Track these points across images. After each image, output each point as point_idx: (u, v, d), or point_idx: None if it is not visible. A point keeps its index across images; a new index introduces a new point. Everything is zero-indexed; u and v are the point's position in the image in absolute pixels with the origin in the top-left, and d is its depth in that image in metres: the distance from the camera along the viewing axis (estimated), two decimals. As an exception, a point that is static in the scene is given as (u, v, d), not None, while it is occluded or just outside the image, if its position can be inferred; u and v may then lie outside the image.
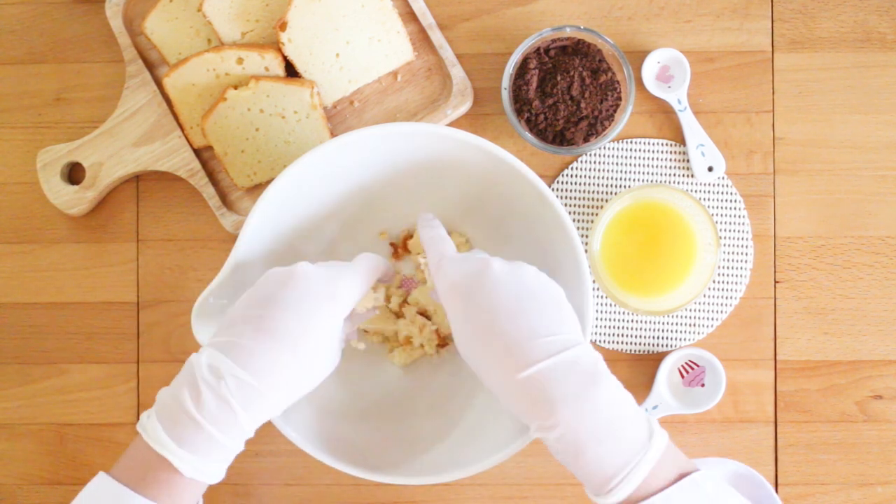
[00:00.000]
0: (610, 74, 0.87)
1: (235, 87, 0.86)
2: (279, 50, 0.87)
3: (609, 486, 0.65)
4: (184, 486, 0.66)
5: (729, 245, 0.90)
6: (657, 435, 0.66)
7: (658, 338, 0.89)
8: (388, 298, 0.88)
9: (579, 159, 0.90)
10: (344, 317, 0.72)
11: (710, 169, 0.89)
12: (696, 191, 0.90)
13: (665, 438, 0.66)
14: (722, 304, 0.89)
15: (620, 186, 0.90)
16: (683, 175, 0.90)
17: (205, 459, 0.66)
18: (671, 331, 0.89)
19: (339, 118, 0.91)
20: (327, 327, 0.70)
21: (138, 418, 0.91)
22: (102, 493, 0.67)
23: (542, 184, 0.79)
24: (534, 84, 0.87)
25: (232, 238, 0.89)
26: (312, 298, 0.70)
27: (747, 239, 0.90)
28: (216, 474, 0.68)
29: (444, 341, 0.87)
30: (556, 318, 0.69)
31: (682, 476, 0.66)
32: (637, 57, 0.90)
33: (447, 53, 0.89)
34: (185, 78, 0.87)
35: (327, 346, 0.71)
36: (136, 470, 0.67)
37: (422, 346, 0.87)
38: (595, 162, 0.90)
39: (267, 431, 0.87)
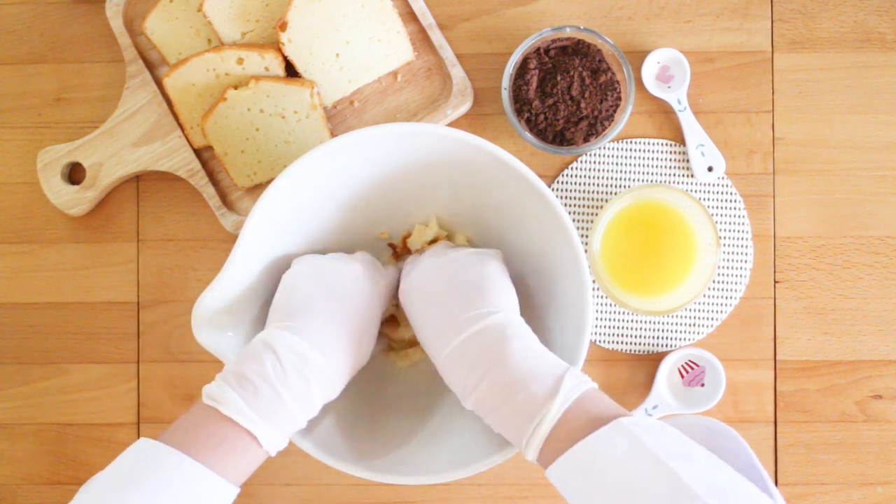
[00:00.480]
0: (610, 74, 0.87)
1: (235, 87, 0.86)
2: (279, 50, 0.87)
3: (525, 438, 0.67)
4: (255, 459, 0.68)
5: (729, 245, 0.90)
6: (568, 378, 0.67)
7: (658, 338, 0.89)
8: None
9: (579, 159, 0.90)
10: (382, 308, 0.79)
11: (710, 169, 0.89)
12: (696, 191, 0.90)
13: (578, 383, 0.67)
14: (722, 304, 0.89)
15: (620, 186, 0.90)
16: (683, 175, 0.90)
17: (280, 433, 0.69)
18: (671, 331, 0.89)
19: (339, 118, 0.91)
20: (373, 316, 0.77)
21: (139, 419, 0.91)
22: (164, 465, 0.63)
23: (542, 184, 0.79)
24: (534, 84, 0.87)
25: (232, 238, 0.89)
26: (365, 293, 0.76)
27: (747, 239, 0.90)
28: (280, 446, 0.69)
29: None
30: (475, 297, 0.73)
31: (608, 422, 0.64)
32: (637, 57, 0.90)
33: (447, 53, 0.89)
34: (186, 78, 0.87)
35: (374, 335, 0.77)
36: (204, 441, 0.65)
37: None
38: (595, 162, 0.90)
39: (267, 431, 0.88)
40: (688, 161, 0.89)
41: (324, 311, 0.73)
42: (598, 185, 0.90)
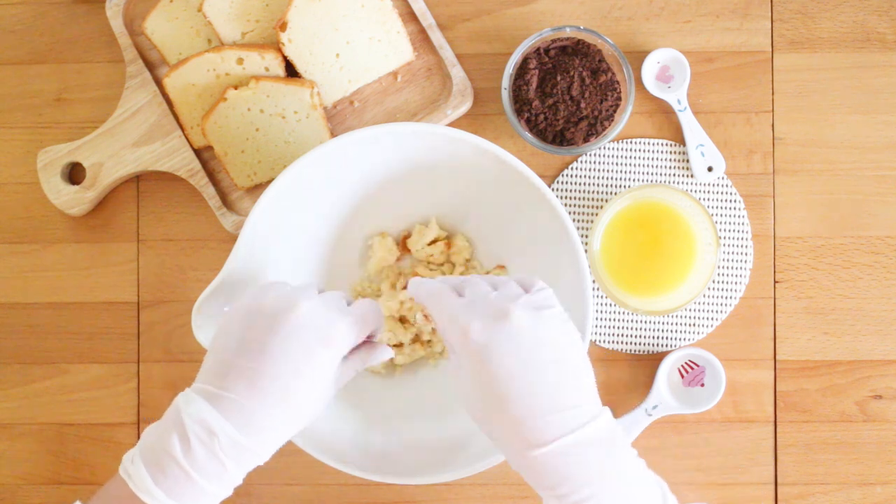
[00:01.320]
0: (610, 74, 0.87)
1: (236, 87, 0.86)
2: (279, 50, 0.87)
3: None
4: None
5: (729, 245, 0.90)
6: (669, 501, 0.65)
7: (658, 338, 0.89)
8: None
9: (579, 159, 0.90)
10: (337, 363, 0.69)
11: (710, 169, 0.89)
12: (695, 191, 0.90)
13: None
14: (722, 304, 0.89)
15: (620, 186, 0.90)
16: (683, 175, 0.90)
17: None
18: (671, 331, 0.89)
19: (339, 118, 0.91)
20: (320, 377, 0.68)
21: (139, 419, 0.91)
22: None
23: (542, 184, 0.79)
24: (534, 84, 0.87)
25: (232, 238, 0.89)
26: (306, 348, 0.67)
27: (747, 239, 0.90)
28: None
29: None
30: (575, 387, 0.65)
31: None
32: (637, 57, 0.90)
33: (447, 53, 0.90)
34: (186, 78, 0.87)
35: (320, 395, 0.68)
36: None
37: (429, 342, 0.87)
38: (595, 162, 0.90)
39: (267, 431, 0.87)
40: (688, 161, 0.89)
41: (250, 372, 0.65)
42: (598, 185, 0.90)
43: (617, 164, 0.90)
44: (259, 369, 0.66)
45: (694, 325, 0.89)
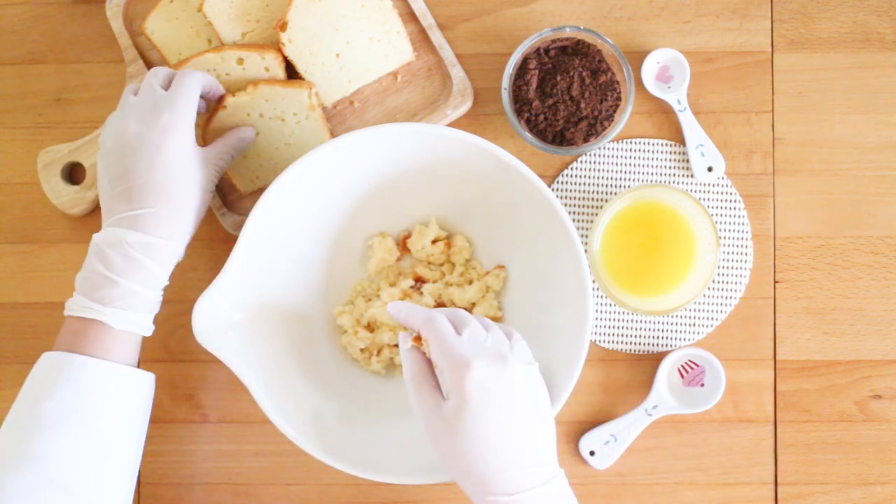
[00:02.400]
0: (610, 75, 0.87)
1: (233, 94, 0.86)
2: (279, 50, 0.87)
3: None
4: (115, 338, 0.75)
5: (729, 245, 0.90)
6: None
7: (658, 338, 0.90)
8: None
9: (579, 159, 0.90)
10: (185, 142, 0.77)
11: (710, 169, 0.89)
12: (695, 191, 0.90)
13: None
14: (721, 304, 0.89)
15: (620, 186, 0.90)
16: (683, 175, 0.90)
17: (129, 311, 0.75)
18: (671, 331, 0.89)
19: (339, 118, 0.91)
20: (177, 162, 0.77)
21: (139, 418, 0.91)
22: (47, 363, 0.75)
23: (542, 184, 0.79)
24: (534, 84, 0.87)
25: (232, 238, 0.89)
26: (149, 146, 0.76)
27: (747, 239, 0.90)
28: (144, 325, 0.77)
29: None
30: (544, 447, 0.70)
31: None
32: (637, 57, 0.90)
33: (447, 54, 0.90)
34: None
35: (189, 177, 0.77)
36: (71, 339, 0.75)
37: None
38: (595, 162, 0.90)
39: (267, 431, 0.87)
40: (688, 161, 0.89)
41: (125, 193, 0.76)
42: (598, 185, 0.90)
43: (617, 164, 0.90)
44: (128, 186, 0.76)
45: (694, 325, 0.89)
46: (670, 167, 0.90)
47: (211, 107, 0.86)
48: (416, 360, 0.71)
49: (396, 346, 0.87)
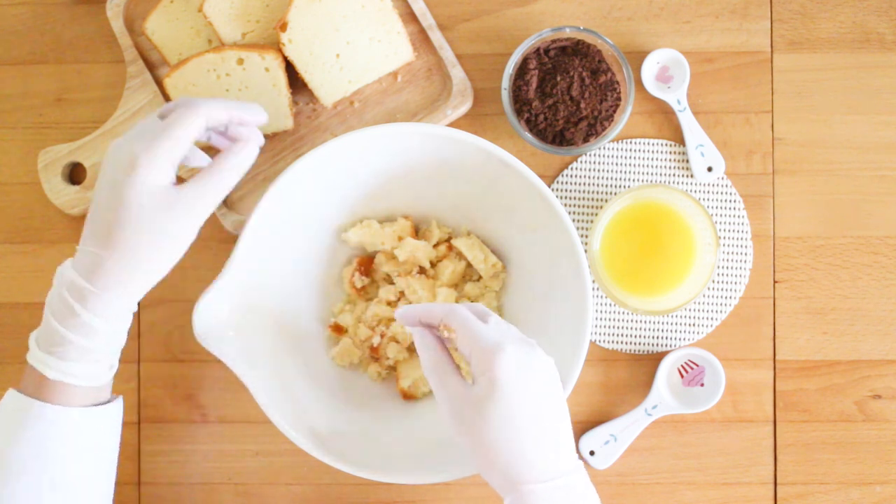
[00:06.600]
0: (609, 75, 0.87)
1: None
2: (279, 50, 0.87)
3: None
4: (75, 390, 0.71)
5: (728, 245, 0.90)
6: None
7: (658, 338, 0.90)
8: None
9: (579, 159, 0.90)
10: (152, 184, 0.69)
11: (710, 169, 0.89)
12: (695, 191, 0.90)
13: None
14: (721, 304, 0.89)
15: (620, 186, 0.90)
16: (683, 175, 0.90)
17: (67, 362, 0.70)
18: (671, 331, 0.89)
19: (339, 118, 0.91)
20: (133, 205, 0.69)
21: (139, 419, 0.91)
22: (11, 405, 0.72)
23: (542, 184, 0.79)
24: (534, 84, 0.87)
25: (232, 238, 0.89)
26: (110, 182, 0.69)
27: (747, 239, 0.90)
28: (86, 375, 0.71)
29: None
30: (566, 431, 0.69)
31: None
32: (637, 57, 0.90)
33: (447, 54, 0.90)
34: (186, 79, 0.87)
35: (147, 223, 0.69)
36: (34, 384, 0.72)
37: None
38: (595, 162, 0.90)
39: (267, 431, 0.88)
40: (687, 161, 0.90)
41: (90, 226, 0.70)
42: (598, 185, 0.90)
43: (617, 164, 0.90)
44: (90, 220, 0.70)
45: (694, 325, 0.89)
46: (670, 167, 0.90)
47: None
48: (436, 351, 0.70)
49: (392, 361, 0.87)
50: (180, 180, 0.75)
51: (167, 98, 0.90)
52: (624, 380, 0.90)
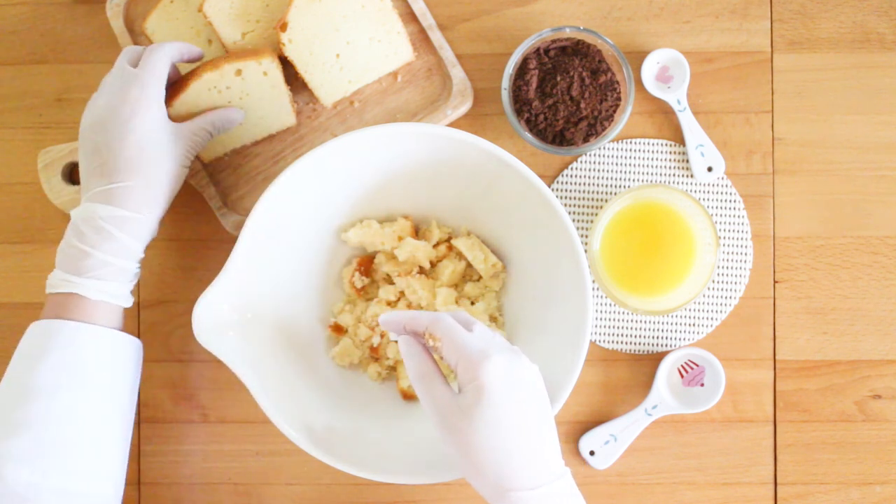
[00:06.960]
0: (609, 75, 0.87)
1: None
2: (275, 52, 0.87)
3: None
4: (94, 308, 0.77)
5: (728, 245, 0.90)
6: None
7: (658, 338, 0.90)
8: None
9: (579, 159, 0.90)
10: (155, 115, 0.79)
11: (710, 169, 0.89)
12: (695, 191, 0.90)
13: None
14: (721, 304, 0.89)
15: (620, 186, 0.90)
16: (683, 175, 0.90)
17: (104, 281, 0.77)
18: (671, 331, 0.89)
19: (339, 118, 0.91)
20: (147, 135, 0.78)
21: (139, 419, 0.91)
22: (36, 331, 0.77)
23: (542, 184, 0.79)
24: (534, 84, 0.87)
25: (232, 238, 0.89)
26: (115, 118, 0.78)
27: (747, 239, 0.90)
28: (120, 295, 0.78)
29: None
30: (551, 441, 0.70)
31: None
32: (637, 57, 0.90)
33: (447, 54, 0.90)
34: (190, 102, 0.85)
35: (158, 149, 0.79)
36: (55, 311, 0.77)
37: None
38: (595, 162, 0.90)
39: (267, 431, 0.88)
40: (687, 161, 0.90)
41: (99, 168, 0.78)
42: (598, 185, 0.90)
43: (617, 164, 0.90)
44: (102, 161, 0.78)
45: (694, 325, 0.89)
46: (670, 167, 0.90)
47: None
48: (422, 359, 0.71)
49: (392, 361, 0.87)
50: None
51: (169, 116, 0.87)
52: (624, 380, 0.90)
